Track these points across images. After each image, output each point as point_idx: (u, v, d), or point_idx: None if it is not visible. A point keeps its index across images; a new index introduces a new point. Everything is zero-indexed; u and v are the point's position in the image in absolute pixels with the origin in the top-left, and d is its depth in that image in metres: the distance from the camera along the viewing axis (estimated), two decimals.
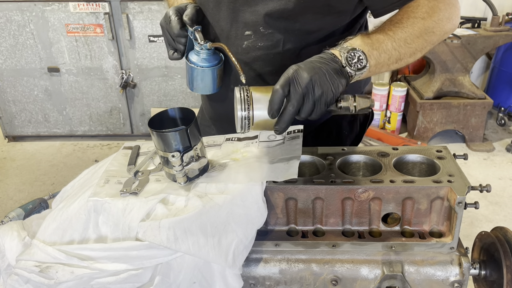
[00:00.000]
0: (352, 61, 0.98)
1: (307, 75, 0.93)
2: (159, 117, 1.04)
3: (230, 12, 1.21)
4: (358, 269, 1.02)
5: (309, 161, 1.14)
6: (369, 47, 1.03)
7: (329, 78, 0.95)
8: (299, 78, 0.93)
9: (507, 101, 4.26)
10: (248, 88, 0.98)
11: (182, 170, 1.00)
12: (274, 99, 0.94)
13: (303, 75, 0.93)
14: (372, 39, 1.05)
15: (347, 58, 0.98)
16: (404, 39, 1.07)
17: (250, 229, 0.98)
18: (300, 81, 0.93)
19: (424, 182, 1.01)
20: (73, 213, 1.00)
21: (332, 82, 0.95)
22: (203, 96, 1.48)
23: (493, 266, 1.03)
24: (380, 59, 1.05)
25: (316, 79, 0.93)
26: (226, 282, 0.98)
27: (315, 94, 0.94)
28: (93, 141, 4.23)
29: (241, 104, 0.96)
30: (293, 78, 0.93)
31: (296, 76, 0.93)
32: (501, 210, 3.15)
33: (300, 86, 0.93)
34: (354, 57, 0.99)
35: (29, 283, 0.95)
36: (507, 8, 4.25)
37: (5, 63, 3.87)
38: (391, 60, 1.07)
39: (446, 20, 1.12)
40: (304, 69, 0.94)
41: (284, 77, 0.94)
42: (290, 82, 0.93)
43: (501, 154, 3.85)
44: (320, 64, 0.96)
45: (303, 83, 0.93)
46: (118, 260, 0.93)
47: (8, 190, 3.53)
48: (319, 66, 0.95)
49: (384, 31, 1.07)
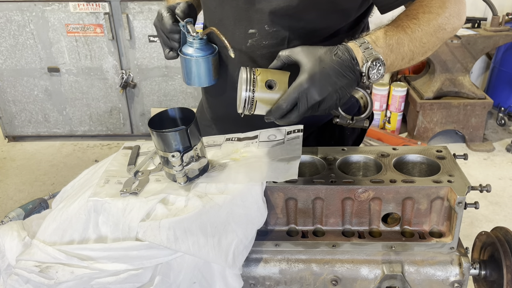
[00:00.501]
0: (372, 71, 0.94)
1: (318, 97, 0.89)
2: (159, 117, 1.04)
3: (234, 10, 1.20)
4: (358, 269, 1.02)
5: (309, 161, 1.14)
6: (389, 50, 0.99)
7: (339, 93, 0.92)
8: (308, 97, 0.89)
9: (507, 101, 4.26)
10: (255, 74, 0.95)
11: (182, 170, 1.00)
12: (276, 112, 0.92)
13: (313, 96, 0.89)
14: (393, 38, 1.00)
15: (369, 68, 0.93)
16: (420, 38, 1.03)
17: (250, 229, 0.98)
18: (308, 100, 0.90)
19: (424, 182, 1.01)
20: (73, 213, 1.00)
21: (341, 96, 0.92)
22: (204, 96, 1.48)
23: (493, 266, 1.03)
24: (395, 62, 1.02)
25: (326, 98, 0.90)
26: (226, 282, 0.98)
27: (320, 109, 0.92)
28: (93, 141, 4.23)
29: (246, 86, 0.94)
30: (301, 96, 0.90)
31: (306, 94, 0.89)
32: (501, 210, 3.15)
33: (307, 105, 0.90)
34: (375, 67, 0.94)
35: (29, 283, 0.94)
36: (507, 8, 4.25)
37: (5, 63, 3.87)
38: (404, 61, 1.04)
39: (455, 16, 1.08)
40: (317, 88, 0.89)
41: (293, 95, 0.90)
42: (299, 97, 0.90)
43: (501, 154, 3.85)
44: (337, 77, 0.91)
45: (311, 103, 0.90)
46: (118, 260, 0.93)
47: (8, 190, 3.53)
48: (334, 82, 0.90)
49: (404, 29, 1.02)
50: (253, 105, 0.95)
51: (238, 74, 1.00)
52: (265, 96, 0.95)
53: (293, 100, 0.90)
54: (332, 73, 0.91)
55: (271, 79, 0.95)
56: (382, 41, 0.99)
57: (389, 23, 1.05)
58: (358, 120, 0.99)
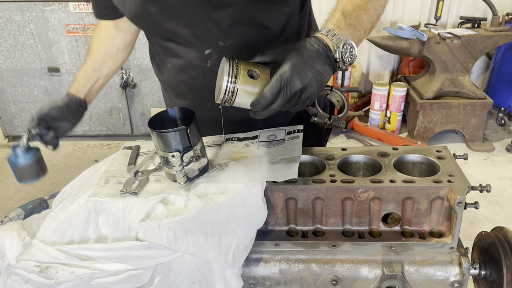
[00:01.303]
0: (345, 55, 0.96)
1: (300, 83, 0.90)
2: (159, 117, 1.04)
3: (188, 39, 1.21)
4: (358, 269, 1.02)
5: (309, 161, 1.14)
6: (352, 29, 1.01)
7: (319, 79, 0.93)
8: (291, 84, 0.90)
9: (507, 101, 4.26)
10: (237, 64, 0.95)
11: (182, 170, 1.00)
12: (260, 102, 0.92)
13: (296, 83, 0.90)
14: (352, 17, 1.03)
15: (342, 53, 0.96)
16: (373, 7, 1.06)
17: (250, 229, 0.98)
18: (291, 87, 0.90)
19: (424, 182, 1.01)
20: (73, 213, 1.00)
21: (320, 83, 0.93)
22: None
23: (493, 266, 1.03)
24: (360, 37, 1.04)
25: (307, 85, 0.91)
26: (226, 282, 0.98)
27: (301, 97, 0.93)
28: (93, 141, 4.23)
29: (228, 77, 0.93)
30: (285, 84, 0.90)
31: (289, 81, 0.90)
32: (501, 210, 3.15)
33: (290, 92, 0.90)
34: (347, 50, 0.96)
35: (29, 283, 0.94)
36: (507, 8, 4.25)
37: (5, 63, 3.87)
38: (366, 33, 1.07)
39: None
40: (299, 74, 0.91)
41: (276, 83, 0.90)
42: (281, 87, 0.90)
43: (501, 154, 3.85)
44: (317, 64, 0.93)
45: (294, 90, 0.90)
46: (118, 260, 0.93)
47: (8, 190, 3.53)
48: (314, 67, 0.92)
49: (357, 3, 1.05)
50: (234, 95, 0.94)
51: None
52: (246, 86, 0.94)
53: (277, 88, 0.90)
54: (311, 61, 0.93)
55: (254, 69, 0.95)
56: (343, 23, 1.01)
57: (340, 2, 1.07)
58: (335, 119, 1.00)
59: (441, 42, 3.69)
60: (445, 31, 3.82)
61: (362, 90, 4.71)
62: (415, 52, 3.74)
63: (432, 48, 3.72)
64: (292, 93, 0.91)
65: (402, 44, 3.68)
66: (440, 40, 3.68)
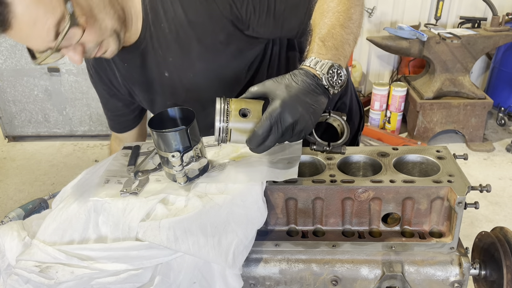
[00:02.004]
0: (333, 80, 0.96)
1: (291, 119, 0.91)
2: (159, 117, 1.04)
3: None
4: (358, 269, 1.02)
5: (309, 161, 1.14)
6: (334, 50, 1.00)
7: (311, 112, 0.93)
8: (281, 121, 0.91)
9: (507, 101, 4.26)
10: (229, 104, 0.97)
11: (182, 170, 1.00)
12: (252, 141, 0.93)
13: (287, 119, 0.91)
14: (331, 38, 1.01)
15: (328, 79, 0.95)
16: (349, 17, 1.05)
17: (250, 229, 0.98)
18: (282, 124, 0.91)
19: (424, 182, 1.01)
20: (73, 213, 1.00)
21: (314, 115, 0.94)
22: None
23: (493, 266, 1.03)
24: (345, 53, 1.03)
25: (299, 119, 0.92)
26: (226, 282, 0.98)
27: (295, 131, 0.93)
28: (93, 141, 4.23)
29: (220, 117, 0.95)
30: (275, 121, 0.91)
31: (279, 118, 0.91)
32: (501, 210, 3.15)
33: (281, 128, 0.91)
34: (333, 74, 0.96)
35: (29, 283, 0.94)
36: (507, 8, 4.25)
37: (5, 63, 3.87)
38: (351, 46, 1.06)
39: None
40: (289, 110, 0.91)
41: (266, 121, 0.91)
42: (272, 124, 0.91)
43: (501, 154, 3.85)
44: (305, 95, 0.93)
45: (285, 126, 0.91)
46: (118, 260, 0.93)
47: (8, 190, 3.53)
48: (303, 101, 0.92)
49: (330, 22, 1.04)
50: (228, 134, 0.97)
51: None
52: (239, 125, 0.96)
53: (267, 126, 0.91)
54: (300, 94, 0.93)
55: (245, 107, 0.97)
56: (323, 48, 1.00)
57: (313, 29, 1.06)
58: (335, 146, 1.01)
59: (441, 42, 3.69)
60: (445, 31, 3.82)
61: (362, 90, 4.72)
62: (415, 52, 3.74)
63: (432, 48, 3.72)
64: (283, 129, 0.92)
65: (402, 44, 3.68)
66: (440, 40, 3.69)
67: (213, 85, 1.29)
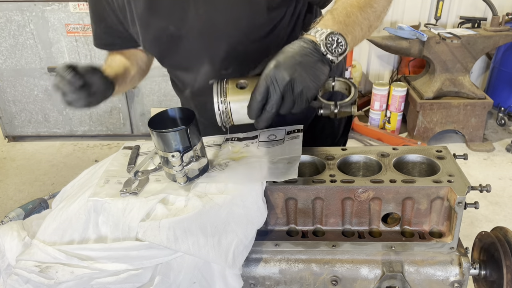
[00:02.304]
0: (332, 47, 0.94)
1: (287, 75, 0.88)
2: (159, 117, 1.04)
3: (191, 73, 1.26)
4: (358, 269, 1.02)
5: (309, 161, 1.14)
6: (342, 25, 0.99)
7: (310, 73, 0.90)
8: (278, 78, 0.88)
9: (507, 101, 4.26)
10: (225, 84, 0.95)
11: (182, 170, 1.00)
12: (252, 106, 0.91)
13: (282, 76, 0.88)
14: (342, 14, 1.01)
15: (326, 45, 0.93)
16: (369, 4, 1.04)
17: (250, 229, 0.98)
18: (279, 82, 0.88)
19: (424, 182, 1.01)
20: (73, 213, 1.00)
21: (313, 76, 0.91)
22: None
23: (493, 266, 1.03)
24: (355, 33, 1.01)
25: (296, 77, 0.88)
26: (226, 282, 0.98)
27: (295, 92, 0.89)
28: (93, 141, 4.23)
29: (217, 97, 0.94)
30: (271, 80, 0.88)
31: (275, 76, 0.88)
32: (501, 210, 3.15)
33: (279, 88, 0.88)
34: (333, 42, 0.94)
35: (29, 283, 0.94)
36: (507, 8, 4.25)
37: (5, 63, 3.87)
38: (364, 30, 1.04)
39: None
40: (284, 68, 0.89)
41: (262, 82, 0.89)
42: (269, 84, 0.89)
43: (501, 154, 3.85)
44: (301, 57, 0.90)
45: (282, 85, 0.88)
46: (118, 260, 0.93)
47: (8, 190, 3.53)
48: (299, 61, 0.90)
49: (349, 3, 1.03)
50: (228, 109, 0.94)
51: None
52: (237, 97, 0.94)
53: (264, 87, 0.88)
54: (296, 55, 0.91)
55: (242, 81, 0.95)
56: (330, 21, 0.99)
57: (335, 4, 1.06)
58: (343, 105, 0.97)
59: (441, 42, 3.69)
60: (445, 31, 3.82)
61: (362, 90, 4.72)
62: (415, 52, 3.74)
63: (432, 48, 3.72)
64: (282, 88, 0.89)
65: (402, 44, 3.68)
66: (440, 40, 3.68)
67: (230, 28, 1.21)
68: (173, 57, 1.29)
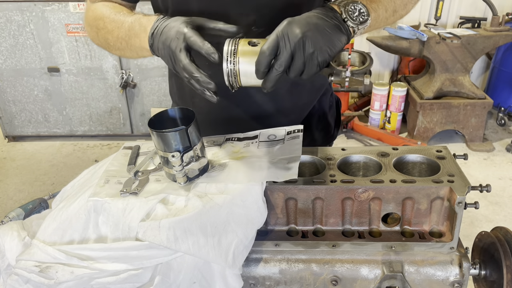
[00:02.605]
0: (353, 15, 0.91)
1: (299, 31, 0.84)
2: (159, 117, 1.04)
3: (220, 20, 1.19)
4: (358, 269, 1.02)
5: (309, 161, 1.14)
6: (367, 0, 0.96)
7: (324, 36, 0.87)
8: (289, 34, 0.84)
9: (507, 101, 4.26)
10: (237, 42, 0.91)
11: (182, 170, 1.00)
12: (260, 61, 0.86)
13: (294, 31, 0.84)
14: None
15: (347, 11, 0.90)
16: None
17: (250, 229, 0.98)
18: (290, 37, 0.84)
19: (424, 182, 1.01)
20: (73, 213, 1.00)
21: (328, 40, 0.87)
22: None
23: (493, 266, 1.03)
24: (379, 11, 0.99)
25: (309, 36, 0.84)
26: (226, 282, 0.98)
27: (306, 52, 0.85)
28: (93, 141, 4.23)
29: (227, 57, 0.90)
30: (282, 35, 0.84)
31: (287, 32, 0.84)
32: (501, 210, 3.15)
33: (290, 44, 0.84)
34: (355, 10, 0.91)
35: (29, 283, 0.94)
36: (507, 8, 4.25)
37: (5, 63, 3.87)
38: (388, 12, 1.01)
39: None
40: (297, 24, 0.85)
41: (273, 36, 0.85)
42: (279, 39, 0.84)
43: (501, 154, 3.86)
44: (317, 19, 0.87)
45: (293, 40, 0.84)
46: (118, 260, 0.93)
47: (8, 190, 3.53)
48: (315, 22, 0.87)
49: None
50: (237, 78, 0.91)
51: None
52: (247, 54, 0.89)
53: (274, 42, 0.85)
54: (312, 17, 0.88)
55: (254, 40, 0.91)
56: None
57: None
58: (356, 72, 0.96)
59: (441, 42, 3.69)
60: (445, 31, 3.82)
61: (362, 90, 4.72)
62: (415, 52, 3.75)
63: (432, 48, 3.72)
64: (292, 45, 0.85)
65: (402, 44, 3.69)
66: (440, 40, 3.69)
67: None
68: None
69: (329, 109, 1.50)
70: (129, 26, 1.07)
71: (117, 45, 1.12)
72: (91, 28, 1.20)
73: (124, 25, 1.09)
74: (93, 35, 1.21)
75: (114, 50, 1.16)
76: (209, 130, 1.21)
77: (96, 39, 1.20)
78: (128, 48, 1.10)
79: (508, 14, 3.98)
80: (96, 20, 1.17)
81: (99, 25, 1.15)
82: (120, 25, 1.10)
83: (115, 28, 1.11)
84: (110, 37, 1.12)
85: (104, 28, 1.14)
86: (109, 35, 1.13)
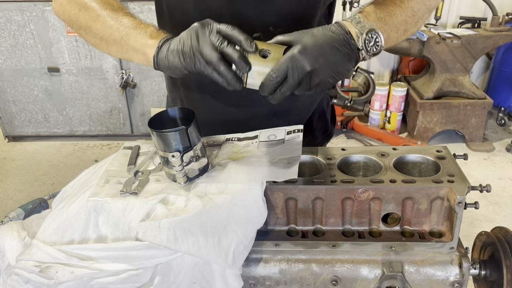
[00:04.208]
0: (369, 45, 0.91)
1: (308, 66, 0.85)
2: (159, 117, 1.04)
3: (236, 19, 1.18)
4: (358, 269, 1.02)
5: (309, 161, 1.14)
6: (382, 22, 0.96)
7: (333, 68, 0.88)
8: (298, 67, 0.85)
9: (507, 101, 4.26)
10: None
11: (182, 170, 1.00)
12: (267, 85, 0.88)
13: (303, 65, 0.85)
14: (384, 11, 0.98)
15: (365, 41, 0.90)
16: (411, 7, 1.01)
17: (250, 229, 0.98)
18: (299, 70, 0.86)
19: (424, 182, 1.01)
20: (73, 213, 1.00)
21: (335, 72, 0.89)
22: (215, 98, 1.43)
23: (493, 266, 1.03)
24: (390, 34, 0.99)
25: (318, 70, 0.86)
26: (226, 282, 0.98)
27: (312, 82, 0.88)
28: (93, 141, 4.23)
29: None
30: (291, 64, 0.86)
31: (296, 64, 0.85)
32: (501, 210, 3.15)
33: (298, 75, 0.86)
34: (371, 39, 0.90)
35: (29, 283, 0.94)
36: (507, 8, 4.25)
37: (5, 63, 3.87)
38: (399, 33, 1.02)
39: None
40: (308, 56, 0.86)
41: (283, 61, 0.86)
42: (289, 67, 0.86)
43: (501, 154, 3.85)
44: (331, 49, 0.87)
45: (302, 73, 0.86)
46: (118, 260, 0.93)
47: (8, 190, 3.53)
48: (328, 51, 0.87)
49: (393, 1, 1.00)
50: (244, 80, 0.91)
51: None
52: (257, 65, 0.90)
53: (283, 70, 0.86)
54: (325, 46, 0.88)
55: (266, 49, 0.91)
56: (373, 15, 0.97)
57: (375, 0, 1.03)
58: (357, 102, 0.97)
59: (441, 42, 3.69)
60: (445, 31, 3.82)
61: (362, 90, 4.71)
62: (415, 52, 3.75)
63: (432, 48, 3.72)
64: (299, 77, 0.86)
65: (402, 44, 3.69)
66: (440, 40, 3.69)
67: None
68: None
69: (327, 106, 1.51)
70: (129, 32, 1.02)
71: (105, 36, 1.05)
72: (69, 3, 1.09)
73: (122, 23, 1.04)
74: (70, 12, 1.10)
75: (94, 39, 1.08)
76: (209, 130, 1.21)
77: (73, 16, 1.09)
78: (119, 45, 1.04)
79: (508, 14, 3.98)
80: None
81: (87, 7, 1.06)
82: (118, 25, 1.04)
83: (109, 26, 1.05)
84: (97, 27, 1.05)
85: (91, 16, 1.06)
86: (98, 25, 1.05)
